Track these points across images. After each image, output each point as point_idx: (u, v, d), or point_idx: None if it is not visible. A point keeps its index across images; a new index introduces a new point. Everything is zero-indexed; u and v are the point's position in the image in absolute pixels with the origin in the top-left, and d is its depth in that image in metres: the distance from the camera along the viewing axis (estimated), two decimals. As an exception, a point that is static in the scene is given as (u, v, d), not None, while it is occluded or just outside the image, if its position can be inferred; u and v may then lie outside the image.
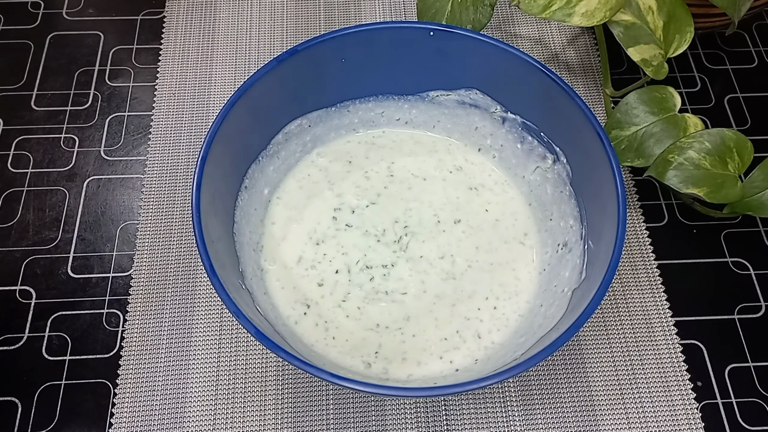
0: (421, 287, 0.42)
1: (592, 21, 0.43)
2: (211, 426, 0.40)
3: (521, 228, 0.44)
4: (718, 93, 0.54)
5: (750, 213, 0.43)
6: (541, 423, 0.40)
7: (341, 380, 0.32)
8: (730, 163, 0.42)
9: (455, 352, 0.40)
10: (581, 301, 0.35)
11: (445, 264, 0.43)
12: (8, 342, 0.42)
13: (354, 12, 0.57)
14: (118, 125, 0.51)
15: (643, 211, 0.48)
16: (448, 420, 0.40)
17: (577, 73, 0.54)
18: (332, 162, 0.46)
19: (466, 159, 0.47)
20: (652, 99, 0.44)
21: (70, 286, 0.44)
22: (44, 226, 0.47)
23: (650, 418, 0.40)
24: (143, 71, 0.54)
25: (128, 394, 0.40)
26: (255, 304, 0.38)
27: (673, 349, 0.43)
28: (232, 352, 0.42)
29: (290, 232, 0.44)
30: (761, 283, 0.46)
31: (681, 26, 0.45)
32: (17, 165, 0.49)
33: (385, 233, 0.44)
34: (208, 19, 0.56)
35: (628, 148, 0.44)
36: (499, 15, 0.57)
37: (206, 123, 0.50)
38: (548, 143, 0.43)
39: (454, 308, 0.41)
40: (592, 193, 0.40)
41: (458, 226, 0.44)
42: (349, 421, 0.40)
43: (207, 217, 0.36)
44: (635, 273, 0.45)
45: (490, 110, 0.45)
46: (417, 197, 0.45)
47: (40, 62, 0.54)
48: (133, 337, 0.42)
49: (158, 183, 0.48)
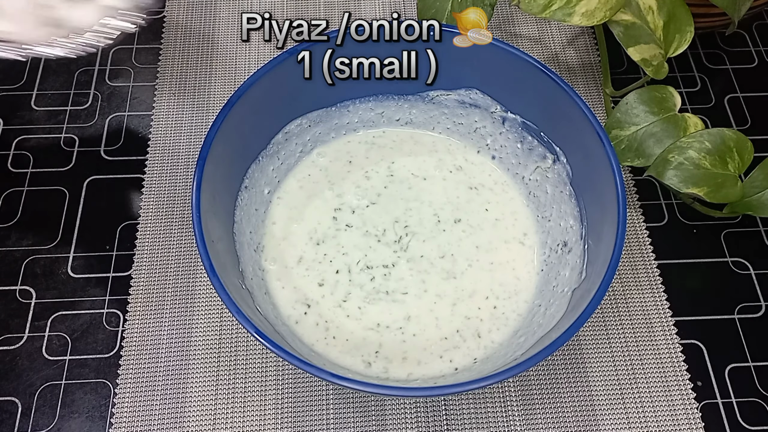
0: (422, 287, 0.42)
1: (592, 21, 0.43)
2: (210, 426, 0.40)
3: (521, 228, 0.44)
4: (718, 93, 0.54)
5: (750, 213, 0.43)
6: (541, 423, 0.40)
7: (341, 380, 0.32)
8: (730, 163, 0.42)
9: (455, 351, 0.40)
10: (581, 301, 0.35)
11: (445, 263, 0.43)
12: (8, 342, 0.42)
13: (354, 11, 0.57)
14: (118, 125, 0.51)
15: (643, 211, 0.48)
16: (448, 420, 0.40)
17: (577, 73, 0.54)
18: (332, 162, 0.46)
19: (466, 159, 0.47)
20: (652, 99, 0.44)
21: (70, 286, 0.44)
22: (44, 226, 0.47)
23: (650, 418, 0.40)
24: (143, 71, 0.54)
25: (128, 394, 0.40)
26: (255, 304, 0.38)
27: (673, 349, 0.43)
28: (232, 352, 0.42)
29: (291, 232, 0.44)
30: (761, 283, 0.46)
31: (681, 26, 0.45)
32: (17, 165, 0.49)
33: (385, 233, 0.44)
34: (208, 18, 0.56)
35: (628, 148, 0.44)
36: (499, 15, 0.57)
37: (206, 123, 0.50)
38: (548, 143, 0.43)
39: (455, 307, 0.41)
40: (592, 193, 0.40)
41: (458, 225, 0.44)
42: (349, 421, 0.40)
43: (207, 217, 0.36)
44: (635, 273, 0.45)
45: (490, 110, 0.45)
46: (417, 197, 0.45)
47: (40, 62, 0.54)
48: (133, 337, 0.42)
49: (158, 183, 0.48)
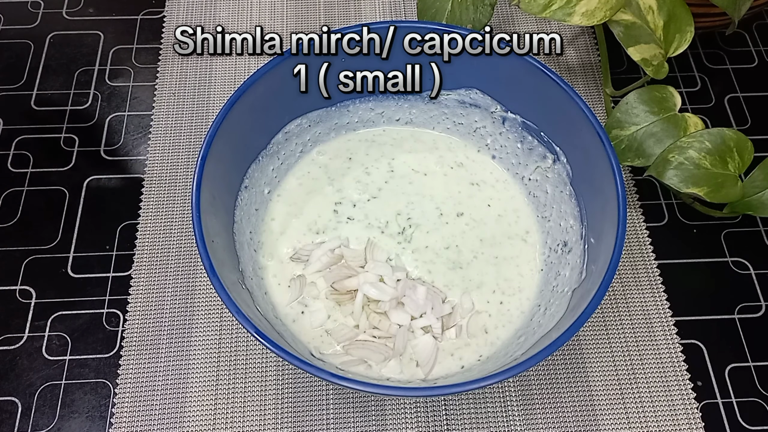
0: (429, 277, 0.42)
1: (592, 20, 0.43)
2: (210, 426, 0.40)
3: (523, 225, 0.44)
4: (718, 92, 0.54)
5: (750, 213, 0.43)
6: (540, 423, 0.40)
7: (341, 380, 0.32)
8: (731, 163, 0.42)
9: (466, 348, 0.40)
10: (581, 301, 0.35)
11: (450, 254, 0.43)
12: (8, 342, 0.42)
13: (354, 11, 0.57)
14: (118, 125, 0.51)
15: (643, 210, 0.48)
16: (448, 420, 0.40)
17: (577, 73, 0.54)
18: (332, 159, 0.46)
19: (467, 156, 0.47)
20: (653, 98, 0.44)
21: (70, 286, 0.44)
22: (44, 226, 0.47)
23: (650, 418, 0.40)
24: (143, 71, 0.54)
25: (128, 394, 0.40)
26: (255, 303, 0.38)
27: (673, 349, 0.43)
28: (232, 352, 0.42)
29: (290, 226, 0.44)
30: (761, 283, 0.46)
31: (681, 26, 0.45)
32: (17, 165, 0.49)
33: (388, 225, 0.44)
34: (208, 18, 0.56)
35: (628, 148, 0.44)
36: (499, 14, 0.57)
37: (206, 123, 0.50)
38: (548, 143, 0.43)
39: (465, 297, 0.41)
40: (592, 193, 0.40)
41: (461, 218, 0.44)
42: (349, 421, 0.40)
43: (207, 217, 0.36)
44: (635, 273, 0.45)
45: (491, 110, 0.45)
46: (418, 191, 0.45)
47: (40, 62, 0.54)
48: (133, 337, 0.42)
49: (158, 183, 0.48)
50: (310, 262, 0.42)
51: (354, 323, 0.40)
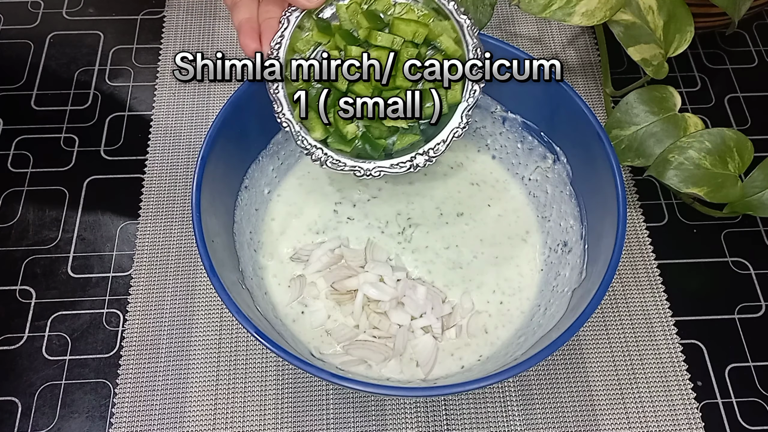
0: (429, 277, 0.42)
1: (592, 20, 0.43)
2: (210, 426, 0.40)
3: (523, 225, 0.44)
4: (718, 93, 0.54)
5: (750, 213, 0.43)
6: (540, 423, 0.40)
7: (341, 380, 0.32)
8: (731, 163, 0.42)
9: (466, 348, 0.40)
10: (581, 301, 0.35)
11: (450, 254, 0.43)
12: (8, 342, 0.42)
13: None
14: (118, 125, 0.51)
15: (643, 211, 0.48)
16: (448, 420, 0.40)
17: (577, 73, 0.54)
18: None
19: (467, 156, 0.47)
20: (653, 98, 0.44)
21: (70, 286, 0.44)
22: (44, 226, 0.47)
23: (650, 418, 0.40)
24: (143, 71, 0.54)
25: (128, 394, 0.40)
26: (255, 303, 0.38)
27: (673, 349, 0.43)
28: (232, 352, 0.42)
29: (290, 226, 0.44)
30: (761, 283, 0.46)
31: (681, 26, 0.45)
32: (17, 165, 0.49)
33: (388, 225, 0.44)
34: (207, 18, 0.56)
35: (628, 148, 0.44)
36: (499, 14, 0.57)
37: (206, 123, 0.50)
38: (548, 143, 0.43)
39: (465, 297, 0.41)
40: (592, 193, 0.40)
41: (461, 219, 0.44)
42: (349, 421, 0.40)
43: (207, 217, 0.36)
44: (635, 273, 0.45)
45: (491, 110, 0.45)
46: (419, 191, 0.45)
47: (40, 62, 0.54)
48: (133, 337, 0.42)
49: (158, 183, 0.48)
50: (310, 262, 0.42)
51: (354, 323, 0.40)
